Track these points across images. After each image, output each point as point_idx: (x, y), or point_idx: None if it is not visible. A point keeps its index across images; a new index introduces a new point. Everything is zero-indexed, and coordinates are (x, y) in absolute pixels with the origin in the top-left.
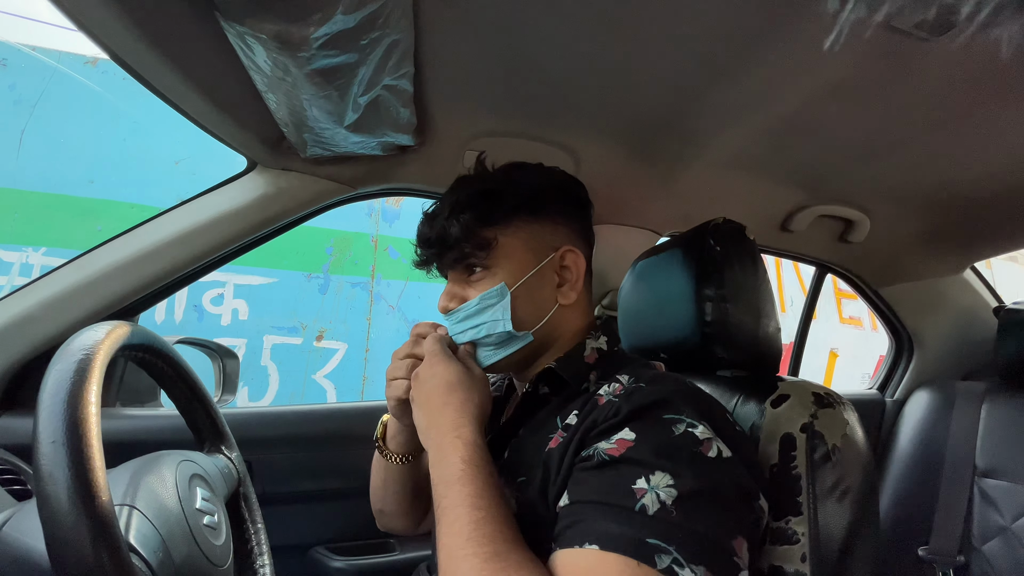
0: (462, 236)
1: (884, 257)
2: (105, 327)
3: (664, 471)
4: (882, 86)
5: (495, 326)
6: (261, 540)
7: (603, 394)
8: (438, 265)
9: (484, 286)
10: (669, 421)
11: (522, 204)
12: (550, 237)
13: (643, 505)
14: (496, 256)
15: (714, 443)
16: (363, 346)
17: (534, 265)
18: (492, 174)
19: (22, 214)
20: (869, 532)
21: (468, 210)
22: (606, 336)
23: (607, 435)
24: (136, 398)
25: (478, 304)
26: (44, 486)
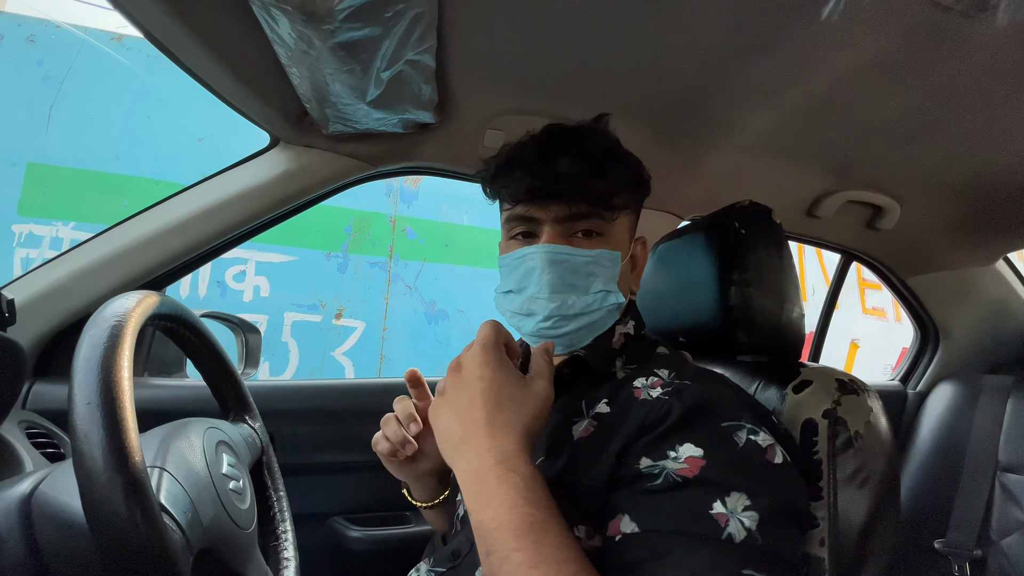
0: (607, 189)
1: (913, 245)
2: (136, 296)
3: (739, 490)
4: (920, 65)
5: (607, 298)
6: (283, 507)
7: (640, 387)
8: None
9: (598, 246)
10: (730, 429)
11: (641, 184)
12: (635, 225)
13: (730, 534)
14: (616, 224)
15: (776, 449)
16: (380, 325)
17: (628, 249)
18: (615, 138)
19: (52, 189)
20: (889, 520)
21: (617, 165)
22: (633, 320)
23: (665, 445)
24: (163, 369)
25: (596, 257)
26: (80, 445)
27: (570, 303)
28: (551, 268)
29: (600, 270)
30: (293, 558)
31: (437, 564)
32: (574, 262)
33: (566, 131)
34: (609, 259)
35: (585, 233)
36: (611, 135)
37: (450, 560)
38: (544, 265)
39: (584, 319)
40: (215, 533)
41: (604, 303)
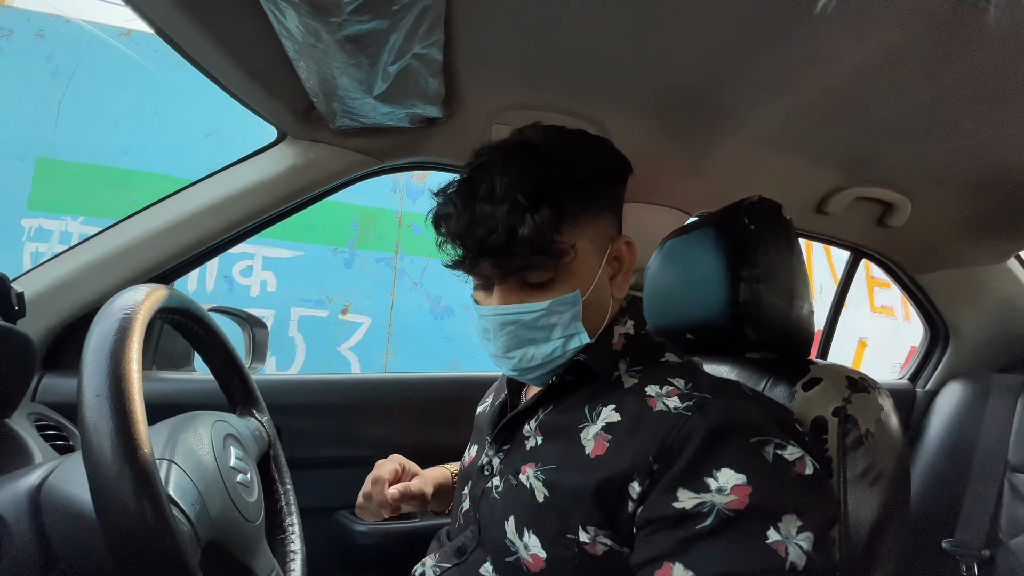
0: (534, 240)
1: (924, 243)
2: (144, 289)
3: (789, 512)
4: (933, 59)
5: (571, 341)
6: (290, 500)
7: (653, 395)
8: (480, 270)
9: (550, 294)
10: (759, 445)
11: (589, 196)
12: (606, 228)
13: (792, 564)
14: (571, 260)
15: (806, 460)
16: (386, 321)
17: (599, 266)
18: (546, 151)
19: (61, 183)
20: (899, 518)
21: (541, 205)
22: (633, 320)
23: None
24: (171, 363)
25: (547, 308)
26: (89, 437)
27: (530, 356)
28: (503, 329)
29: (556, 317)
30: (300, 551)
31: (442, 560)
32: (525, 320)
33: (489, 171)
34: (566, 303)
35: (535, 285)
36: (541, 154)
37: (456, 556)
38: (496, 328)
39: (549, 366)
40: (223, 525)
41: (567, 347)
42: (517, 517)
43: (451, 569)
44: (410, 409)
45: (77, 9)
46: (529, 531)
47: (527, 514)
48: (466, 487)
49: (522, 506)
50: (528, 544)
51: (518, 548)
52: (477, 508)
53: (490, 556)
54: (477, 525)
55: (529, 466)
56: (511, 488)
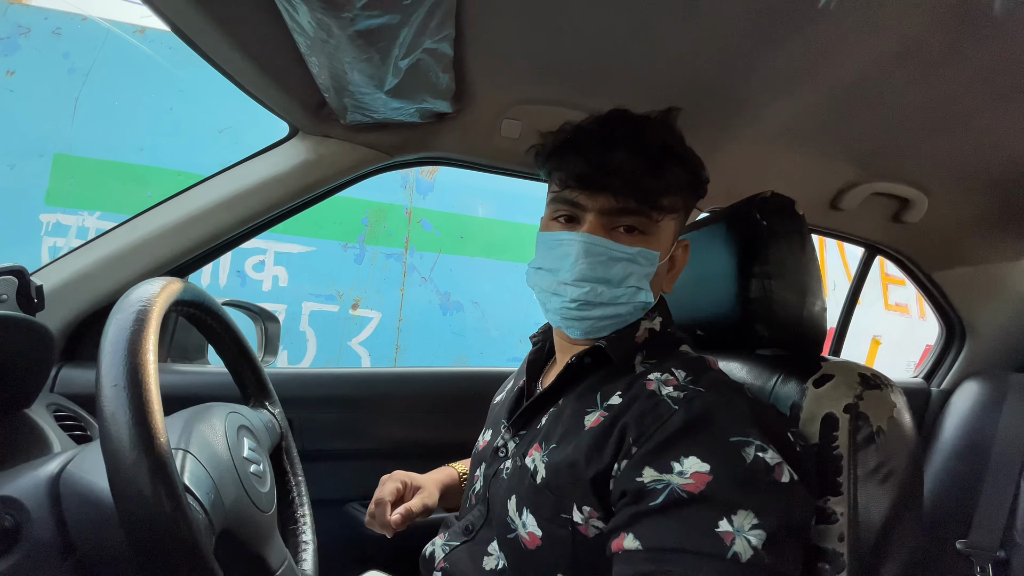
0: (660, 189)
1: (940, 239)
2: (160, 282)
3: (747, 509)
4: (950, 52)
5: (637, 294)
6: (302, 491)
7: (652, 380)
8: (595, 195)
9: (641, 245)
10: (738, 445)
11: (695, 186)
12: (681, 226)
13: (735, 553)
14: (662, 225)
15: (784, 468)
16: (396, 316)
17: (669, 250)
18: (680, 135)
19: (78, 179)
20: (911, 517)
21: (675, 166)
22: (661, 317)
23: (669, 455)
24: (185, 356)
25: (634, 255)
26: (107, 426)
27: (599, 291)
28: (587, 258)
29: (635, 268)
30: (311, 541)
31: (452, 538)
32: (611, 256)
33: (629, 121)
34: (647, 258)
35: (627, 229)
36: (676, 131)
37: (464, 534)
38: (580, 254)
39: (609, 309)
40: (236, 515)
41: (633, 299)
42: (518, 496)
43: (459, 547)
44: (419, 403)
45: (93, 7)
46: (527, 510)
47: (526, 494)
48: (479, 469)
49: (524, 486)
50: (526, 523)
51: (517, 526)
52: (488, 487)
53: (496, 533)
54: (486, 504)
55: (536, 448)
56: (517, 469)
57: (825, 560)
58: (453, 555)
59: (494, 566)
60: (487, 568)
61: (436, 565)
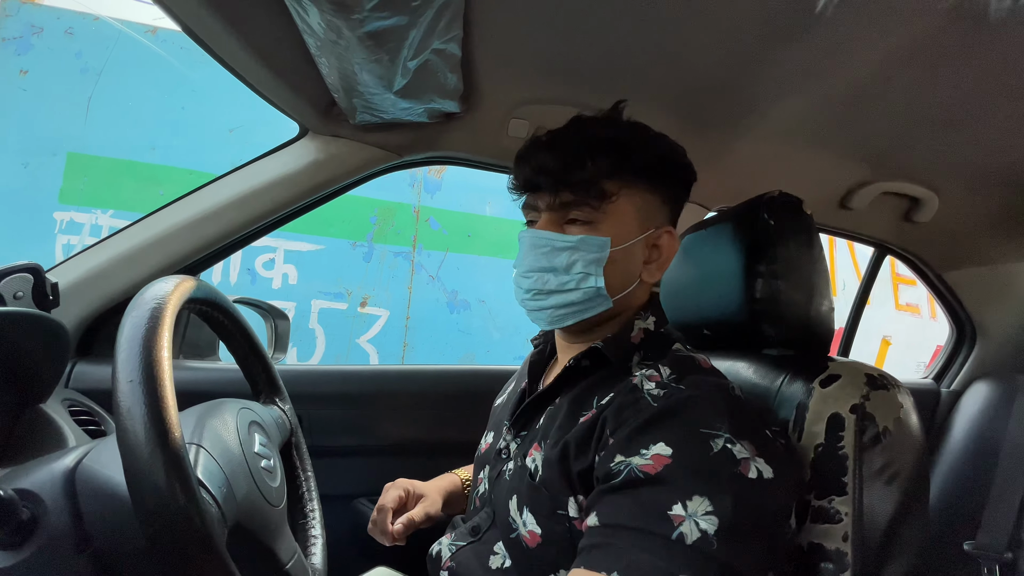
0: (588, 179)
1: (951, 239)
2: (174, 280)
3: (702, 495)
4: (961, 50)
5: (586, 279)
6: (311, 487)
7: (637, 375)
8: (541, 194)
9: (585, 232)
10: (707, 436)
11: (649, 169)
12: (656, 213)
13: (681, 534)
14: (608, 210)
15: (752, 463)
16: (404, 314)
17: (636, 235)
18: (626, 127)
19: (91, 178)
20: (916, 518)
21: (601, 155)
22: (654, 316)
23: (639, 443)
24: (197, 352)
25: (576, 243)
26: (123, 421)
27: (545, 279)
28: (532, 251)
29: (580, 255)
30: (320, 536)
31: (458, 539)
32: (554, 246)
33: (574, 123)
34: (591, 244)
35: (574, 221)
36: (615, 122)
37: (470, 535)
38: (528, 248)
39: (561, 297)
40: (248, 508)
41: (582, 284)
42: (519, 495)
43: (466, 547)
44: (427, 400)
45: (106, 7)
46: (526, 509)
47: (525, 493)
48: (482, 471)
49: (524, 485)
50: (526, 521)
51: (518, 525)
52: (492, 490)
53: (501, 534)
54: (492, 507)
55: (535, 448)
56: (518, 469)
57: (829, 559)
58: (459, 555)
59: (500, 564)
60: (493, 567)
61: (443, 564)
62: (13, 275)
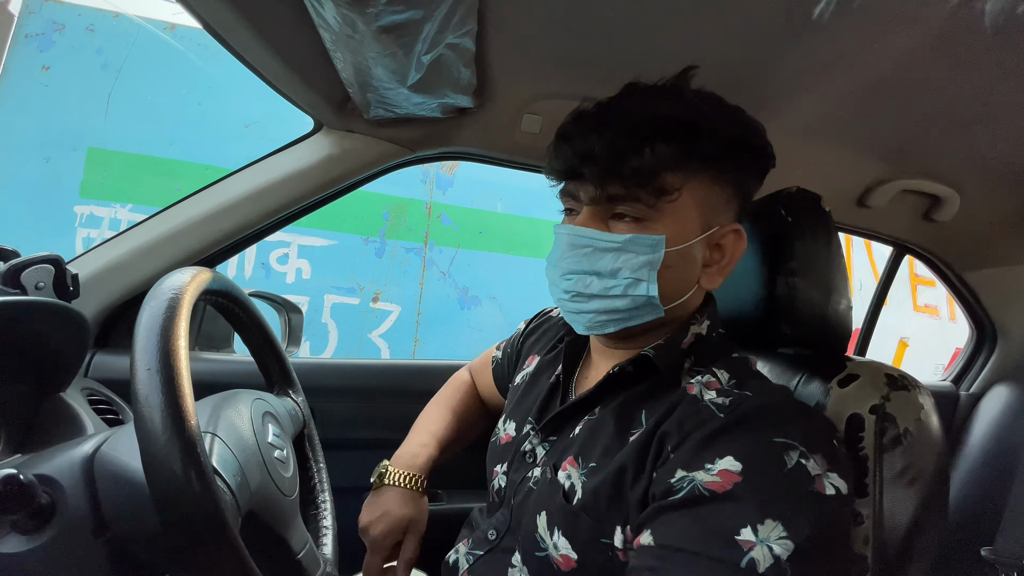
0: (645, 170)
1: (973, 239)
2: (191, 271)
3: (776, 519)
4: (984, 44)
5: (636, 286)
6: (323, 478)
7: (694, 384)
8: (584, 184)
9: (635, 231)
10: (780, 448)
11: (721, 156)
12: (723, 208)
13: (752, 560)
14: (665, 208)
15: (826, 479)
16: (415, 309)
17: (697, 234)
18: (694, 99)
19: (111, 172)
20: (936, 521)
21: (663, 140)
22: (709, 320)
23: (705, 456)
24: (212, 344)
25: (623, 243)
26: (141, 409)
27: (587, 282)
28: (572, 251)
29: (628, 257)
30: (332, 527)
31: (476, 547)
32: (597, 246)
33: (628, 97)
34: (642, 245)
35: (621, 216)
36: (683, 98)
37: (487, 542)
38: (566, 247)
39: (604, 302)
40: (261, 497)
41: (630, 291)
42: (549, 514)
43: (483, 556)
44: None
45: (126, 4)
46: (559, 531)
47: (559, 515)
48: (500, 465)
49: (556, 505)
50: (558, 544)
51: (548, 546)
52: (514, 492)
53: (520, 547)
54: (510, 510)
55: (571, 463)
56: (547, 483)
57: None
58: (477, 566)
59: None
60: None
61: (460, 575)
62: (35, 266)
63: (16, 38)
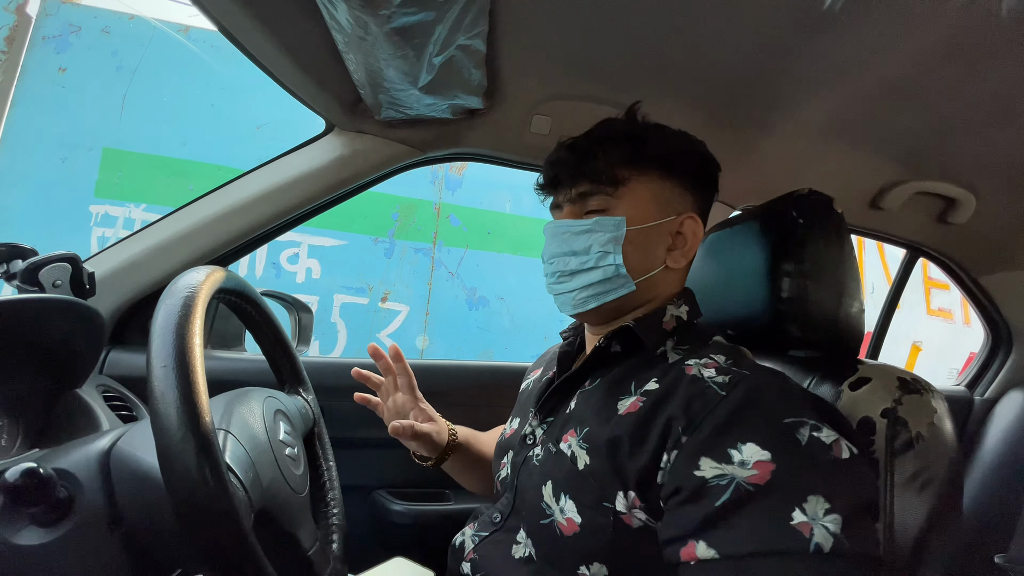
0: (600, 168)
1: (988, 241)
2: (205, 270)
3: (816, 494)
4: (999, 45)
5: (604, 257)
6: (333, 476)
7: (691, 365)
8: (561, 188)
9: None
10: (792, 426)
11: (662, 157)
12: (677, 201)
13: (818, 545)
14: (623, 195)
15: (842, 443)
16: (424, 310)
17: (655, 219)
18: (640, 124)
19: (125, 172)
20: (949, 526)
21: (612, 147)
22: (687, 306)
23: (725, 442)
24: (224, 343)
25: (592, 224)
26: (156, 404)
27: (566, 261)
28: (554, 239)
29: (597, 235)
30: (341, 524)
31: (481, 528)
32: (572, 231)
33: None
34: (605, 224)
35: (592, 211)
36: (630, 118)
37: (492, 525)
38: (550, 237)
39: (583, 277)
40: (272, 494)
41: (601, 262)
42: (555, 482)
43: (488, 537)
44: (445, 395)
45: (141, 6)
46: (566, 496)
47: (566, 480)
48: (505, 457)
49: (562, 472)
50: (564, 508)
51: (553, 511)
52: (516, 475)
53: (525, 521)
54: (513, 492)
55: (571, 434)
56: (551, 455)
57: None
58: (482, 546)
59: (523, 554)
60: (516, 557)
61: (465, 556)
62: (53, 264)
63: (34, 40)
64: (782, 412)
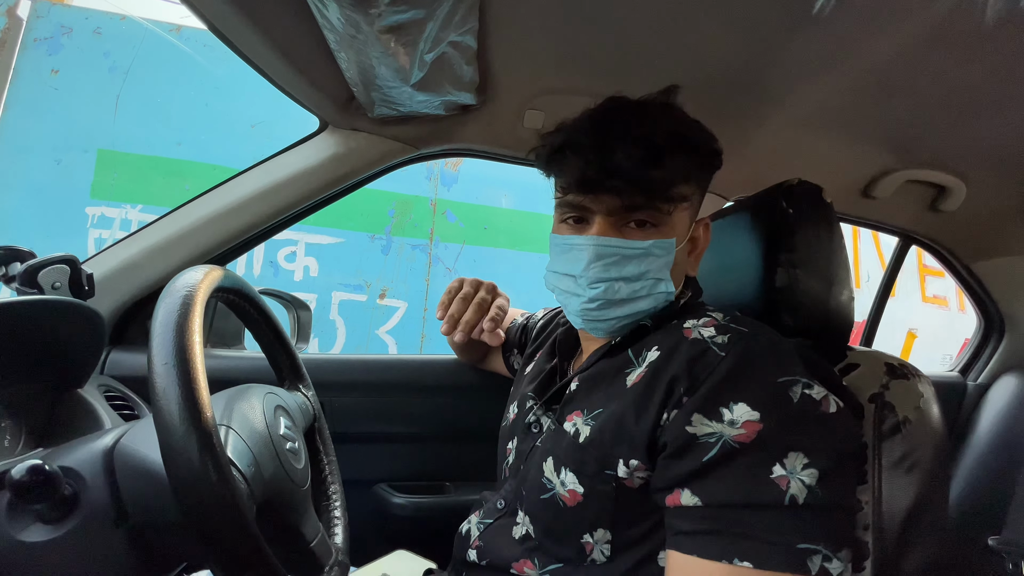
0: (666, 180)
1: (979, 228)
2: (203, 269)
3: (796, 450)
4: (988, 33)
5: (657, 286)
6: (334, 471)
7: (690, 326)
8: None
9: (647, 237)
10: (785, 385)
11: (704, 165)
12: (699, 206)
13: (792, 496)
14: (673, 216)
15: (830, 399)
16: (422, 306)
17: (687, 233)
18: (687, 117)
19: (121, 173)
20: (936, 508)
21: (678, 153)
22: (691, 292)
23: (719, 401)
24: (223, 341)
25: (647, 248)
26: (159, 401)
27: (616, 288)
28: (599, 260)
29: (652, 261)
30: (343, 518)
31: (486, 516)
32: (624, 254)
33: (626, 111)
34: (662, 249)
35: (639, 223)
36: (678, 113)
37: (496, 511)
38: (592, 257)
39: (629, 307)
40: (274, 488)
41: (653, 291)
42: (555, 457)
43: (493, 524)
44: (444, 389)
45: (132, 6)
46: (566, 469)
47: (565, 454)
48: (511, 443)
49: (561, 447)
50: (564, 481)
51: (554, 484)
52: (523, 461)
53: (525, 501)
54: (517, 479)
55: (576, 414)
56: (552, 434)
57: None
58: (487, 533)
59: (523, 533)
60: (516, 536)
61: (471, 543)
62: (51, 266)
63: (25, 42)
64: (776, 372)
